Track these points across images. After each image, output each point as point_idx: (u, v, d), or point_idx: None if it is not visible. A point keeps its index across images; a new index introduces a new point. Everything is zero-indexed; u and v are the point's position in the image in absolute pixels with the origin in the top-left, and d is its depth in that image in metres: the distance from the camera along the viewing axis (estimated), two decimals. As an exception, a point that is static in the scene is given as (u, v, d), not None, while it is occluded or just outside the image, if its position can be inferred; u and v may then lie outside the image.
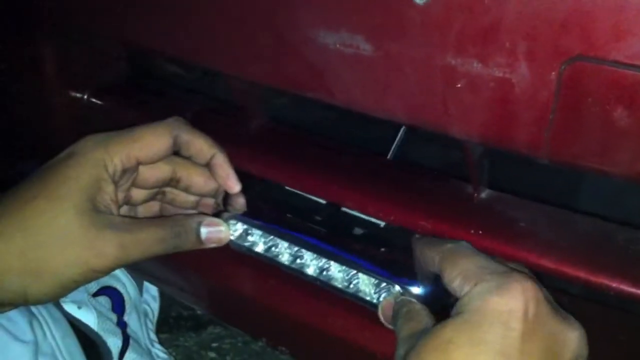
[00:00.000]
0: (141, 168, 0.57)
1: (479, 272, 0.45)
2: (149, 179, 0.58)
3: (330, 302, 0.66)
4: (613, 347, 0.57)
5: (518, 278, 0.43)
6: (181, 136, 0.56)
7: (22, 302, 0.51)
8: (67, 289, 0.51)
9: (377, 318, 0.55)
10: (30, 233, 0.50)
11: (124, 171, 0.55)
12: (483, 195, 0.60)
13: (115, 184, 0.54)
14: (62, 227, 0.50)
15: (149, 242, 0.53)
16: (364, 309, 0.59)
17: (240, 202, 0.61)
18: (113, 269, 0.52)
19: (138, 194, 0.60)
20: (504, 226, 0.56)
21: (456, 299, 0.50)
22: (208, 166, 0.58)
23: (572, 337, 0.44)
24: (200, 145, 0.57)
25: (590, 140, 0.46)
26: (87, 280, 0.52)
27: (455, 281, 0.46)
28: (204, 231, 0.57)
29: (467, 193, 0.60)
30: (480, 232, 0.56)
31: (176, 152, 0.58)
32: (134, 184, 0.58)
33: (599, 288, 0.52)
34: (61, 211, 0.50)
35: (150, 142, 0.55)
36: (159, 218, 0.55)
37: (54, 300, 0.51)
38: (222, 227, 0.58)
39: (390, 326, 0.54)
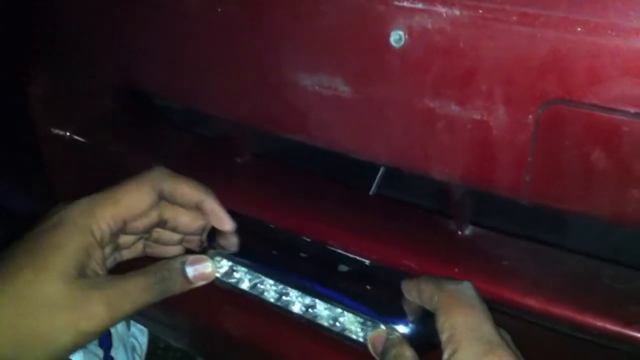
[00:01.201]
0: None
1: (466, 334, 0.45)
2: (138, 227, 0.58)
3: (317, 341, 0.65)
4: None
5: (498, 354, 0.43)
6: (164, 189, 0.56)
7: None
8: (58, 357, 0.51)
9: (365, 358, 0.55)
10: (20, 304, 0.49)
11: (112, 235, 0.54)
12: (467, 232, 0.60)
13: (103, 248, 0.54)
14: (50, 296, 0.50)
15: (135, 293, 0.53)
16: (353, 348, 0.58)
17: (232, 241, 0.61)
18: (104, 329, 0.51)
19: (126, 240, 0.60)
20: (488, 264, 0.56)
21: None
22: (199, 208, 0.58)
23: None
24: (186, 193, 0.57)
25: (570, 182, 0.46)
26: (78, 346, 0.51)
27: (443, 333, 0.46)
28: (189, 270, 0.56)
29: (450, 230, 0.60)
30: (464, 270, 0.56)
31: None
32: (123, 233, 0.57)
33: (583, 327, 0.52)
34: (48, 280, 0.50)
35: (135, 200, 0.55)
36: (143, 268, 0.55)
37: None
38: (208, 263, 0.58)
39: (377, 358, 0.54)
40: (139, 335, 1.13)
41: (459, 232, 0.59)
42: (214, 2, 0.56)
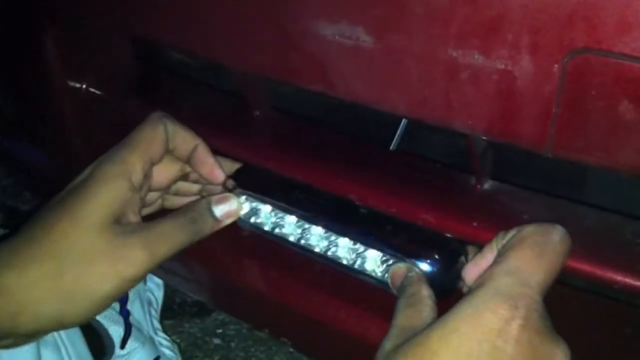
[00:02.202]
0: (155, 171, 0.59)
1: (501, 278, 0.43)
2: (163, 180, 0.60)
3: (333, 294, 0.65)
4: (617, 341, 0.56)
5: (516, 293, 0.41)
6: (167, 125, 0.58)
7: (57, 326, 0.52)
8: (102, 306, 0.52)
9: (380, 310, 0.55)
10: (60, 256, 0.50)
11: (146, 177, 0.56)
12: (486, 186, 0.59)
13: (139, 192, 0.55)
14: (89, 246, 0.51)
15: (171, 234, 0.54)
16: (368, 300, 0.58)
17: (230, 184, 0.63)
18: (145, 274, 0.53)
19: (152, 196, 0.62)
20: (507, 219, 0.55)
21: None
22: (190, 159, 0.60)
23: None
24: (184, 135, 0.59)
25: (596, 134, 0.45)
26: (121, 293, 0.52)
27: (490, 266, 0.45)
28: (216, 209, 0.58)
29: (469, 185, 0.59)
30: (483, 224, 0.55)
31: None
32: (150, 188, 0.59)
33: (604, 282, 0.51)
34: (85, 230, 0.51)
35: (153, 138, 0.57)
36: (172, 213, 0.56)
37: (90, 319, 0.52)
38: (233, 200, 0.60)
39: (396, 293, 0.54)
40: (155, 289, 1.14)
41: (479, 187, 0.59)
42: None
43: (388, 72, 0.51)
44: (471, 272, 0.50)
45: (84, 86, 0.82)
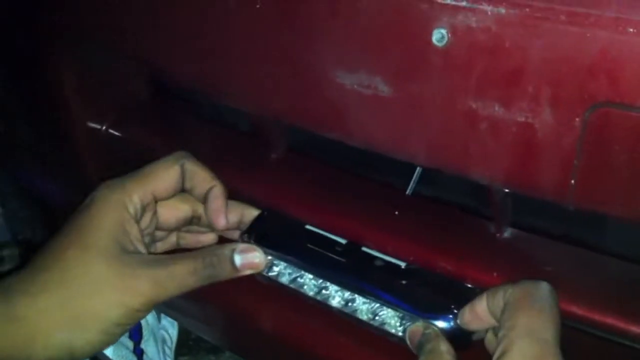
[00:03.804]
0: (161, 210, 0.59)
1: (523, 335, 0.43)
2: (170, 219, 0.60)
3: (355, 337, 0.64)
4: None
5: (540, 353, 0.42)
6: (186, 164, 0.58)
7: (69, 356, 0.51)
8: (113, 334, 0.52)
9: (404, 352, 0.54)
10: (68, 285, 0.51)
11: (144, 208, 0.56)
12: (506, 234, 0.58)
13: (138, 223, 0.55)
14: (96, 274, 0.51)
15: (182, 275, 0.53)
16: (391, 343, 0.58)
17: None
18: (151, 306, 0.53)
19: (162, 234, 0.62)
20: (529, 269, 0.55)
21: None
22: (205, 199, 0.59)
23: None
24: (203, 175, 0.59)
25: (617, 187, 0.44)
26: (130, 321, 0.52)
27: (502, 330, 0.45)
28: (238, 258, 0.57)
29: (489, 232, 0.59)
30: (504, 274, 0.55)
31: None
32: (157, 227, 0.59)
33: (628, 335, 0.50)
34: (92, 258, 0.51)
35: (162, 174, 0.57)
36: (191, 252, 0.56)
37: (101, 348, 0.52)
38: (257, 253, 0.59)
39: (415, 352, 0.53)
40: (170, 327, 1.13)
41: (498, 235, 0.58)
42: (252, -3, 0.55)
43: (406, 122, 0.50)
44: (467, 317, 0.52)
45: (103, 127, 0.82)
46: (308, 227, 0.64)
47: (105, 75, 0.83)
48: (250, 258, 0.58)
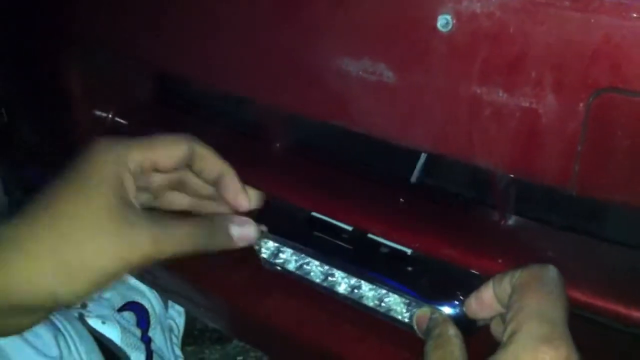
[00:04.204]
0: (157, 151, 0.56)
1: (531, 317, 0.43)
2: (167, 161, 0.57)
3: (362, 325, 0.65)
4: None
5: (556, 344, 0.41)
6: (196, 147, 0.57)
7: (52, 302, 0.50)
8: (99, 284, 0.50)
9: (405, 347, 0.55)
10: (60, 232, 0.49)
11: (142, 172, 0.55)
12: (510, 222, 0.58)
13: (134, 183, 0.53)
14: (93, 222, 0.50)
15: (181, 237, 0.53)
16: (398, 329, 0.58)
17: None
18: (146, 262, 0.51)
19: (158, 179, 0.59)
20: (531, 256, 0.55)
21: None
22: (217, 184, 0.59)
23: None
24: (214, 160, 0.58)
25: (620, 173, 0.44)
26: (119, 274, 0.51)
27: (510, 312, 0.45)
28: (235, 229, 0.57)
29: (493, 220, 0.59)
30: (507, 261, 0.55)
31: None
32: (155, 169, 0.57)
33: (628, 322, 0.51)
34: (89, 205, 0.50)
35: (168, 145, 0.56)
36: (191, 217, 0.56)
37: (85, 298, 0.50)
38: (252, 227, 0.59)
39: (422, 337, 0.54)
40: (177, 316, 1.14)
41: (502, 222, 0.58)
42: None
43: (410, 108, 0.51)
44: (473, 306, 0.52)
45: (108, 116, 0.83)
46: (314, 214, 0.64)
47: (108, 74, 0.83)
48: (245, 231, 0.58)
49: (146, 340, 0.97)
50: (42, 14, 0.81)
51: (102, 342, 0.91)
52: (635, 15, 0.40)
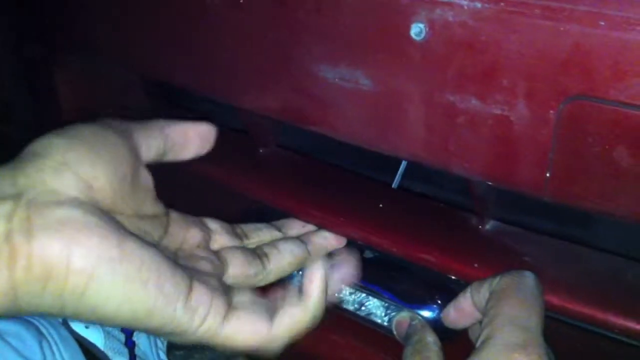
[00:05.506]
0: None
1: (505, 323, 0.44)
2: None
3: (342, 328, 0.65)
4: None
5: (528, 351, 0.42)
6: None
7: None
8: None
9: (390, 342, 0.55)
10: None
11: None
12: (488, 227, 0.59)
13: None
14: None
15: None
16: (378, 333, 0.58)
17: None
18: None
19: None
20: (508, 260, 0.55)
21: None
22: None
23: None
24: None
25: (592, 180, 0.45)
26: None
27: (486, 317, 0.45)
28: None
29: (472, 225, 0.59)
30: (484, 265, 0.55)
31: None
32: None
33: (606, 326, 0.51)
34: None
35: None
36: None
37: None
38: None
39: (402, 341, 0.55)
40: (164, 321, 1.13)
41: (480, 227, 0.59)
42: (236, -6, 0.56)
43: (387, 115, 0.51)
44: (452, 315, 0.53)
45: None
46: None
47: (100, 80, 0.83)
48: None
49: (130, 345, 0.97)
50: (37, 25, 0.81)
51: (85, 347, 0.91)
52: (603, 23, 0.40)
